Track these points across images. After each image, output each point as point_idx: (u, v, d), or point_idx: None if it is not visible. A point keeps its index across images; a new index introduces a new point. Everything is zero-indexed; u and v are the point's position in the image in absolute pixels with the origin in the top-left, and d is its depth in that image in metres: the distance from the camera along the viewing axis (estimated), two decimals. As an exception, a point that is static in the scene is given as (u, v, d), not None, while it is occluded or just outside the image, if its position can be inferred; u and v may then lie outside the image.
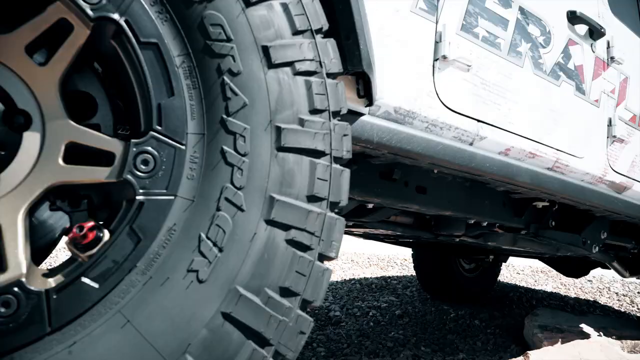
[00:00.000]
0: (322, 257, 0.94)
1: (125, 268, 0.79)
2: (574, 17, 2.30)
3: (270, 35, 0.91)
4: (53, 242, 0.91)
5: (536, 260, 5.23)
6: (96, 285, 0.77)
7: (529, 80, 2.08)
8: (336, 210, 0.96)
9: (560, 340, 3.03)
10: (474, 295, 4.53)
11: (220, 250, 0.84)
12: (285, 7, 0.93)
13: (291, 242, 0.89)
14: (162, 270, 0.81)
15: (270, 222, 0.88)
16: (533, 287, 5.59)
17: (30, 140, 0.85)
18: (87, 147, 0.86)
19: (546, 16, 2.18)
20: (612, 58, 2.53)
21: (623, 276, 3.23)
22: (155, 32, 0.85)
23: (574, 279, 5.98)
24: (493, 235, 2.62)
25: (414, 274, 5.72)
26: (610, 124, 2.48)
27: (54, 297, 0.75)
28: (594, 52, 2.44)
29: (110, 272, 0.79)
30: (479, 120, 1.89)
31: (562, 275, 5.74)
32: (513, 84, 2.01)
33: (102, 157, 0.92)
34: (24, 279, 0.75)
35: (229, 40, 0.88)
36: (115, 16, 0.83)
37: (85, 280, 0.77)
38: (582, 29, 2.38)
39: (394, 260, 6.82)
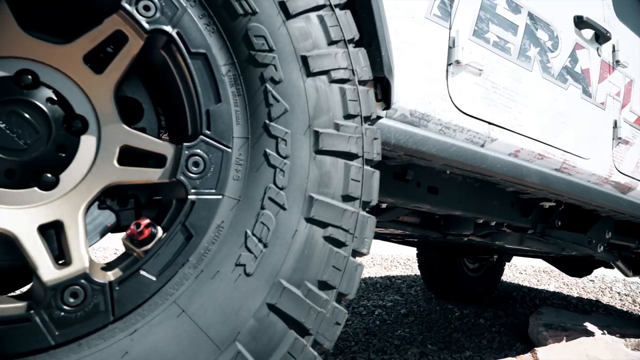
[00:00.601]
0: (355, 253, 1.01)
1: (179, 262, 0.86)
2: (580, 22, 2.38)
3: (308, 46, 0.98)
4: None
5: (539, 260, 5.30)
6: (154, 278, 0.84)
7: (537, 84, 2.15)
8: (367, 209, 1.03)
9: (564, 338, 3.11)
10: (478, 295, 4.61)
11: (265, 245, 0.91)
12: (321, 19, 1.00)
13: (328, 239, 0.96)
14: (212, 264, 0.88)
15: (310, 220, 0.95)
16: (536, 287, 5.67)
17: (87, 143, 0.92)
18: (139, 150, 0.93)
19: (554, 21, 2.25)
20: (617, 61, 2.60)
21: (626, 275, 3.30)
22: (204, 43, 0.92)
23: (577, 278, 6.07)
24: (501, 235, 2.69)
25: (418, 273, 5.80)
26: (615, 126, 2.55)
27: (117, 288, 0.82)
28: (599, 55, 2.51)
29: (165, 266, 0.86)
30: (490, 123, 1.96)
31: (564, 275, 5.82)
32: (522, 88, 2.08)
33: (147, 159, 0.99)
34: (88, 272, 0.82)
35: (271, 50, 0.95)
36: (168, 28, 0.89)
37: (143, 273, 0.84)
38: (588, 33, 2.45)
39: (397, 260, 6.90)
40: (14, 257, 0.88)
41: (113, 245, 5.91)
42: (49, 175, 0.89)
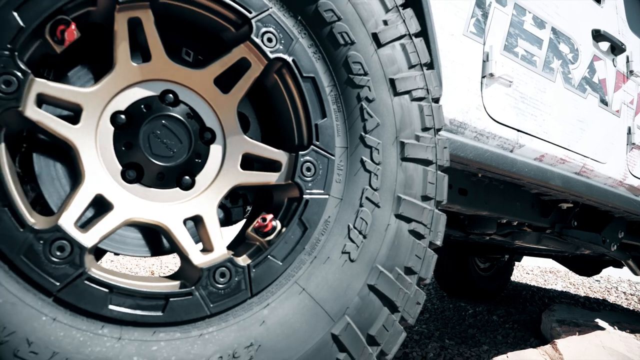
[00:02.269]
0: (431, 245, 1.22)
1: (298, 250, 1.07)
2: (598, 35, 2.61)
3: (395, 70, 1.19)
4: None
5: (545, 261, 5.53)
6: (280, 263, 1.05)
7: (560, 94, 2.37)
8: (439, 208, 1.24)
9: (577, 333, 3.33)
10: (489, 293, 4.83)
11: (365, 237, 1.12)
12: (403, 46, 1.21)
13: (412, 232, 1.17)
14: (323, 252, 1.09)
15: (398, 216, 1.16)
16: (544, 287, 5.91)
17: (216, 151, 1.12)
18: (257, 157, 1.13)
19: (574, 35, 2.48)
20: (631, 71, 2.83)
21: (636, 274, 3.53)
22: (312, 68, 1.13)
23: (583, 279, 6.31)
24: (521, 234, 2.91)
25: (428, 273, 5.99)
26: (629, 132, 2.78)
27: (253, 270, 1.02)
28: (615, 66, 2.74)
29: (287, 253, 1.06)
30: (518, 130, 2.18)
31: (571, 275, 6.06)
32: (547, 97, 2.30)
33: (253, 163, 1.19)
34: (232, 256, 1.02)
35: (366, 74, 1.16)
36: (286, 56, 1.10)
37: (271, 258, 1.05)
38: (604, 45, 2.68)
39: (405, 261, 7.11)
40: None
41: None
42: (187, 177, 1.09)
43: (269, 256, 1.05)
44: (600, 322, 3.53)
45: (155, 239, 1.19)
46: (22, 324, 0.81)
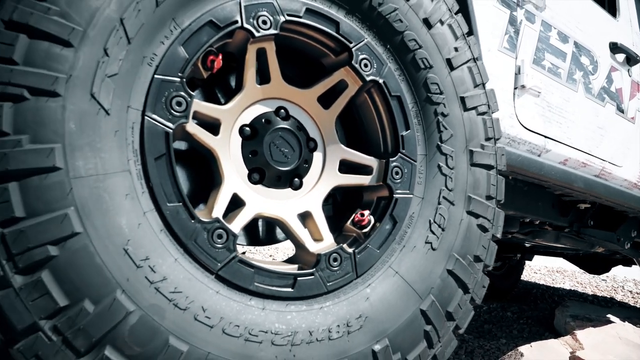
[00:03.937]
0: (493, 237, 1.47)
1: (390, 240, 1.32)
2: (615, 48, 2.88)
3: (464, 89, 1.44)
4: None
5: (552, 260, 5.80)
6: (377, 250, 1.30)
7: (581, 103, 2.63)
8: (499, 206, 1.50)
9: (590, 327, 3.59)
10: (500, 291, 5.10)
11: (443, 230, 1.37)
12: (470, 69, 1.47)
13: (479, 226, 1.43)
14: (410, 242, 1.34)
15: (469, 213, 1.41)
16: (552, 285, 6.20)
17: (318, 158, 1.37)
18: (352, 163, 1.38)
19: (594, 48, 2.74)
20: (644, 81, 3.11)
21: (645, 271, 3.81)
22: (398, 88, 1.38)
23: (589, 278, 6.61)
24: (541, 232, 3.18)
25: (439, 273, 6.24)
26: (643, 137, 3.06)
27: (358, 256, 1.27)
28: (630, 76, 3.02)
29: (382, 242, 1.31)
30: (545, 136, 2.44)
31: (577, 274, 6.34)
32: (570, 106, 2.56)
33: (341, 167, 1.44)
34: (342, 244, 1.27)
35: (441, 93, 1.41)
36: (379, 79, 1.35)
37: (370, 246, 1.30)
38: (620, 57, 2.95)
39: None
40: None
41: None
42: (297, 179, 1.34)
43: (368, 245, 1.29)
44: (612, 317, 3.80)
45: (253, 231, 1.44)
46: (197, 295, 1.05)
